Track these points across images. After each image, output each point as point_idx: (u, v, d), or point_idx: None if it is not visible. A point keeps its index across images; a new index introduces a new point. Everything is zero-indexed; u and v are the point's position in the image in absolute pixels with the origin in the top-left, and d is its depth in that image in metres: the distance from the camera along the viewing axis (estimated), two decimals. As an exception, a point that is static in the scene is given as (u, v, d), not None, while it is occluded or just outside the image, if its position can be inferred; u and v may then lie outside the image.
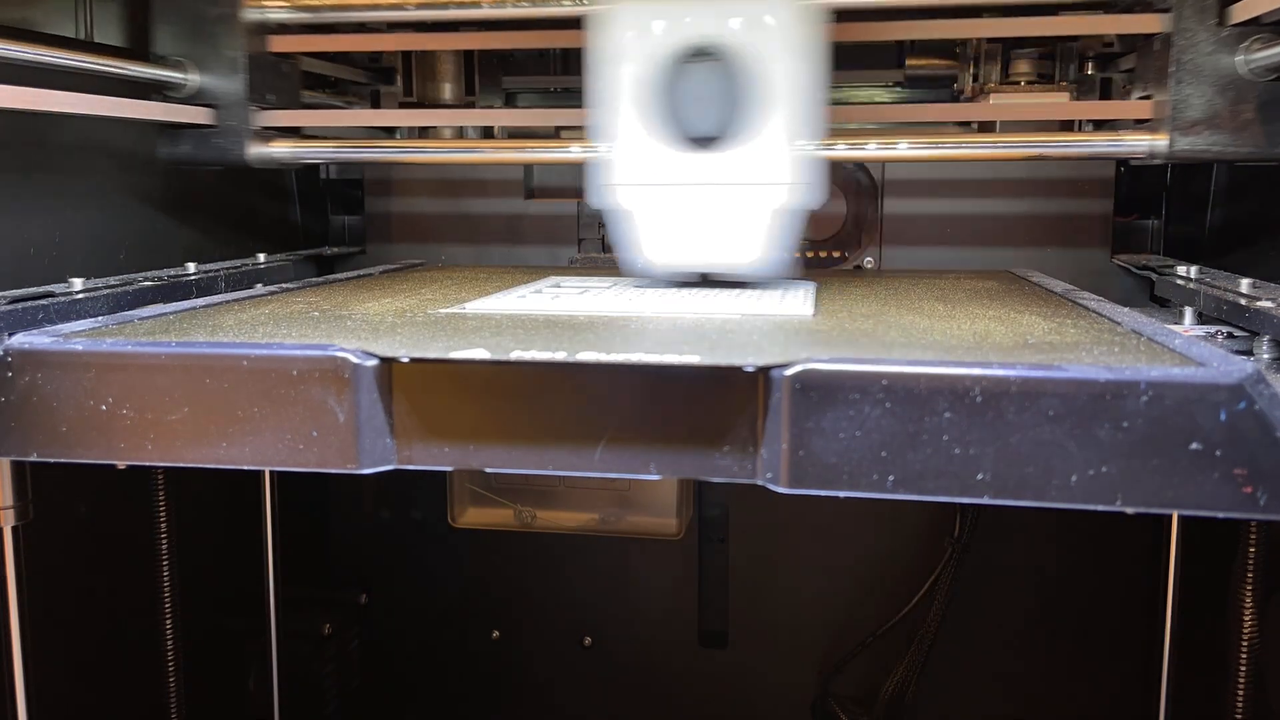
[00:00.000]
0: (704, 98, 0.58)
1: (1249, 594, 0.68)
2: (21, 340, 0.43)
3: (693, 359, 0.39)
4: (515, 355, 0.40)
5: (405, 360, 0.40)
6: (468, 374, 0.40)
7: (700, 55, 0.58)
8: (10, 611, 0.59)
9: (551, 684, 1.06)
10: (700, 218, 0.60)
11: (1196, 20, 0.68)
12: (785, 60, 0.57)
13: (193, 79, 0.78)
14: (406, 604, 1.07)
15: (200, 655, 0.86)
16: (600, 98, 0.60)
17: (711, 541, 1.02)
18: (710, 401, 0.39)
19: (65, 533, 0.72)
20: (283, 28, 0.82)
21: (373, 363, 0.40)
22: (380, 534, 1.07)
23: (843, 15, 0.74)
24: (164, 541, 0.80)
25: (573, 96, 1.00)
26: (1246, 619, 0.68)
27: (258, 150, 0.80)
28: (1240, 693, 0.70)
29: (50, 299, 0.59)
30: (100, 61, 0.70)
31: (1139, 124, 0.74)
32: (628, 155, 0.60)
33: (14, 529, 0.58)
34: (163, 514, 0.80)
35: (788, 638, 1.02)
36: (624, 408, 0.40)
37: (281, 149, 0.81)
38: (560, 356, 0.40)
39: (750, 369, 0.38)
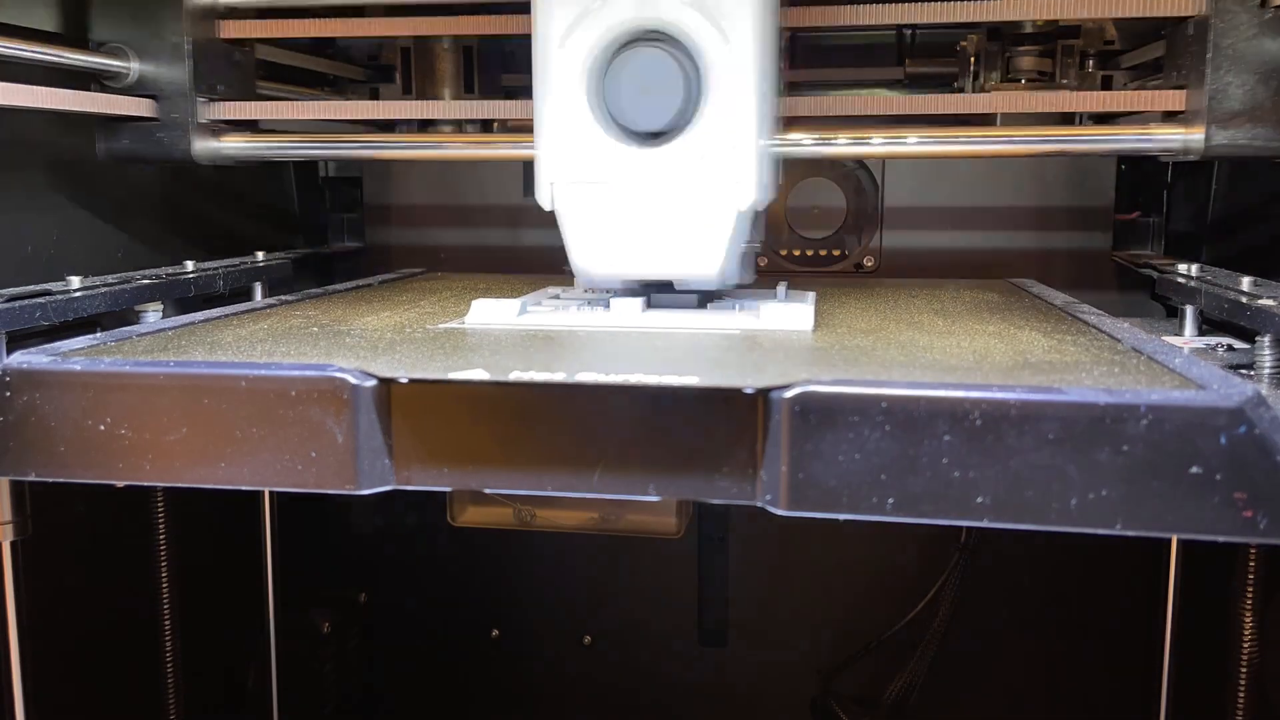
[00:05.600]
0: (649, 88, 0.53)
1: (1248, 610, 0.68)
2: (20, 360, 0.43)
3: (692, 380, 0.39)
4: (514, 376, 0.40)
5: (404, 381, 0.40)
6: (467, 394, 0.40)
7: (645, 41, 0.53)
8: (9, 623, 0.59)
9: (551, 683, 1.06)
10: (643, 219, 0.55)
11: (1237, 1, 0.62)
12: (738, 48, 0.52)
13: (132, 67, 0.72)
14: (406, 603, 1.07)
15: (200, 654, 0.86)
16: (544, 88, 0.55)
17: (711, 541, 1.02)
18: (710, 423, 0.39)
19: (64, 531, 0.71)
20: (233, 11, 0.76)
21: (371, 383, 0.40)
22: (380, 533, 1.07)
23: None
24: (163, 540, 0.80)
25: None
26: (1246, 635, 0.68)
27: (205, 145, 0.74)
28: (1240, 706, 0.70)
29: (48, 297, 0.59)
30: (27, 48, 0.64)
31: (1169, 117, 0.68)
32: (564, 150, 0.55)
33: (13, 544, 0.58)
34: (162, 512, 0.80)
35: (788, 637, 1.02)
36: (623, 429, 0.40)
37: (233, 144, 0.75)
38: (559, 377, 0.39)
39: (750, 391, 0.38)
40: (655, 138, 0.54)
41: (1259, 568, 0.68)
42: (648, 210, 0.55)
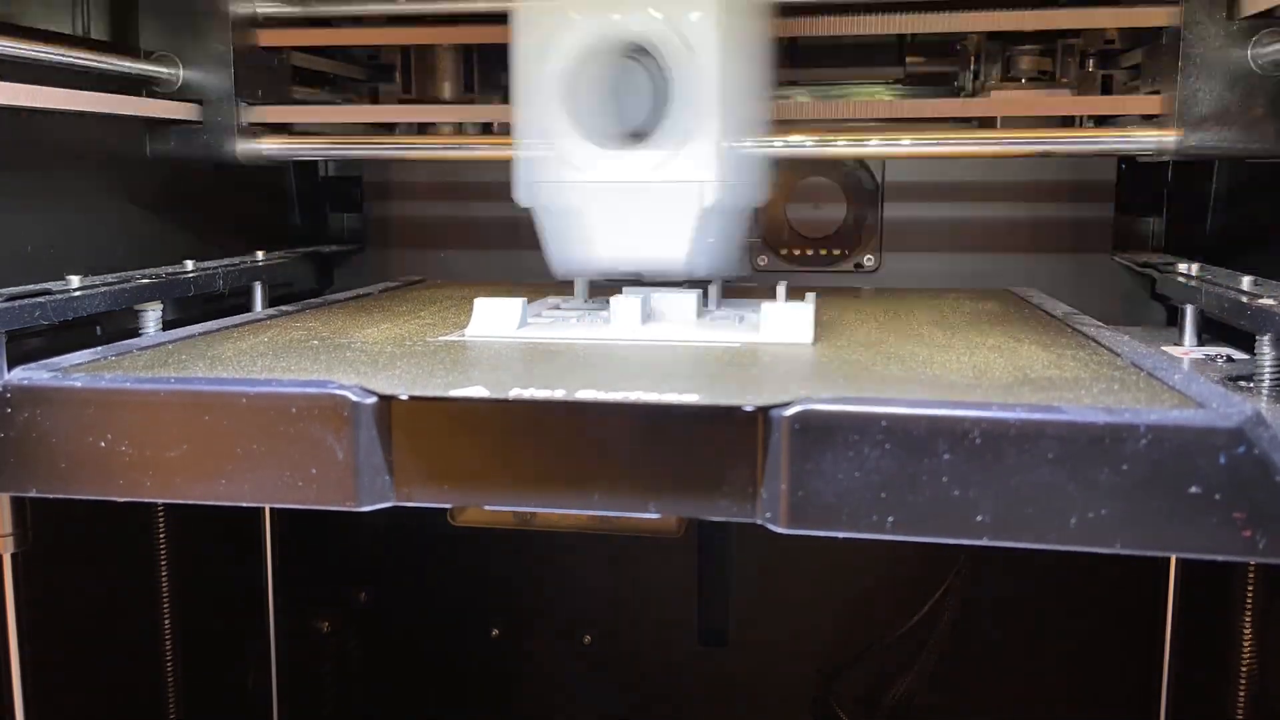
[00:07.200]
0: (631, 94, 0.57)
1: (1247, 620, 0.68)
2: (21, 376, 0.43)
3: (691, 398, 0.39)
4: (514, 394, 0.40)
5: (404, 398, 0.40)
6: (467, 412, 0.40)
7: (628, 51, 0.57)
8: (9, 631, 0.60)
9: (551, 682, 1.06)
10: (626, 216, 0.59)
11: (1206, 13, 0.67)
12: (716, 56, 0.56)
13: (178, 74, 0.78)
14: (406, 603, 1.07)
15: (200, 653, 0.86)
16: (524, 94, 0.59)
17: (711, 541, 1.02)
18: (709, 440, 0.39)
19: (64, 531, 0.71)
20: (271, 21, 0.81)
21: (371, 400, 0.40)
22: (380, 533, 1.07)
23: (843, 9, 0.74)
24: (163, 540, 0.80)
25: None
26: (1246, 645, 0.68)
27: (246, 146, 0.80)
28: (1240, 712, 0.70)
29: (48, 296, 0.59)
30: (83, 55, 0.69)
31: (1146, 120, 0.73)
32: (552, 152, 0.59)
33: (13, 556, 0.58)
34: (161, 512, 0.80)
35: (788, 637, 1.02)
36: (623, 446, 0.40)
37: (271, 145, 0.81)
38: (559, 395, 0.39)
39: (749, 409, 0.38)
40: (627, 140, 0.58)
41: (1258, 580, 0.68)
42: (619, 208, 0.59)
